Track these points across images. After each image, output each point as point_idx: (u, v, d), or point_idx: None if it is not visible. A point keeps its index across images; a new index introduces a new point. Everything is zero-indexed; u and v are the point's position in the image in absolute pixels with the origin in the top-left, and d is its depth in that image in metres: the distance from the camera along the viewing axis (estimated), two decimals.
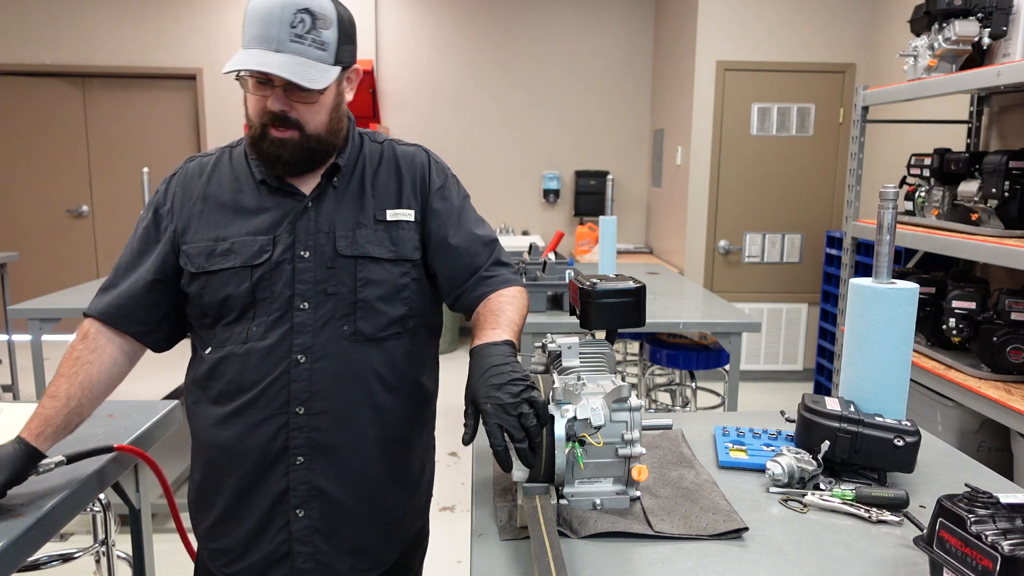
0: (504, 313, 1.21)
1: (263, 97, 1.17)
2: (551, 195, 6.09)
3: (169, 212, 1.28)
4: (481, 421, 1.02)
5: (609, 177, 3.40)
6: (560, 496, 1.09)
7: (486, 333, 1.17)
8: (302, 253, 1.22)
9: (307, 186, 1.26)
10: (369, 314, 1.23)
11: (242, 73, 1.16)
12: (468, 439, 1.05)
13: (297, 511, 1.22)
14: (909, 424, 1.22)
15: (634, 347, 4.82)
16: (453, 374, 2.17)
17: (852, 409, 1.25)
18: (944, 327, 2.60)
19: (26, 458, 1.13)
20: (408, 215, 1.28)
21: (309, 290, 1.21)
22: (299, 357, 1.21)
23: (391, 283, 1.24)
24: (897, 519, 1.11)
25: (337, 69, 1.19)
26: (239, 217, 1.25)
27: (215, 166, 1.30)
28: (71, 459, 1.20)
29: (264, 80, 1.15)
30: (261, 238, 1.23)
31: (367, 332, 1.23)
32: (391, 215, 1.27)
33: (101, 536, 2.04)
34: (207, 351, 1.25)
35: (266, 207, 1.25)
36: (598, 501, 1.09)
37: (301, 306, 1.21)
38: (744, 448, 1.35)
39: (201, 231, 1.25)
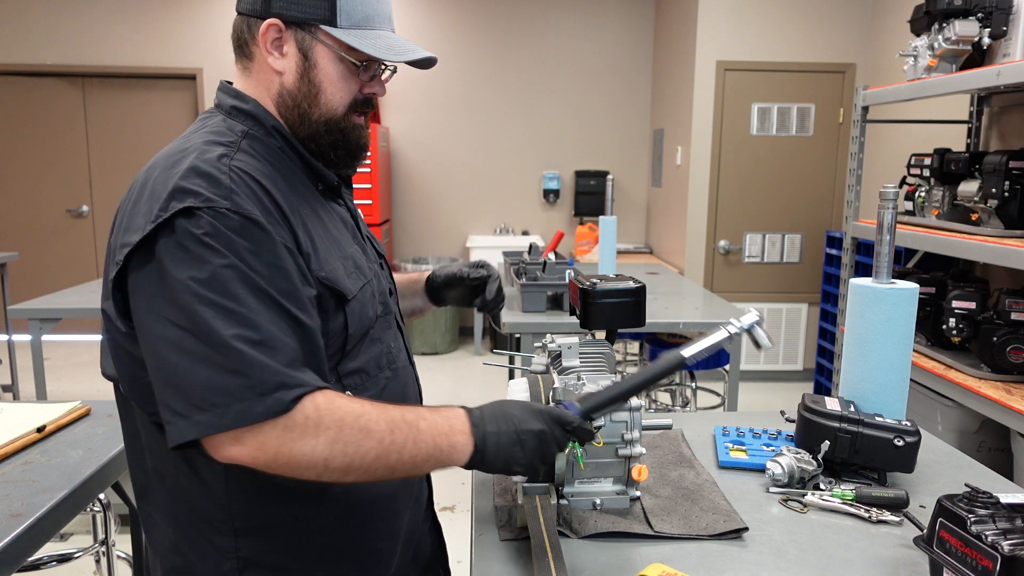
0: None
1: (356, 79, 1.02)
2: (551, 195, 6.09)
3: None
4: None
5: (609, 177, 3.40)
6: (560, 496, 1.09)
7: None
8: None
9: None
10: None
11: (388, 62, 1.02)
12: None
13: None
14: (909, 424, 1.22)
15: (634, 347, 4.82)
16: (452, 374, 2.17)
17: (852, 409, 1.25)
18: (944, 327, 2.60)
19: None
20: None
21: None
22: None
23: None
24: (897, 519, 1.11)
25: None
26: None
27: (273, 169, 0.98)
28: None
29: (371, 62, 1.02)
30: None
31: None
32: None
33: (101, 536, 2.04)
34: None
35: (336, 218, 1.08)
36: (598, 501, 1.09)
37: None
38: (744, 448, 1.35)
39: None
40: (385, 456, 0.86)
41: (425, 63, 1.03)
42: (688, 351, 0.96)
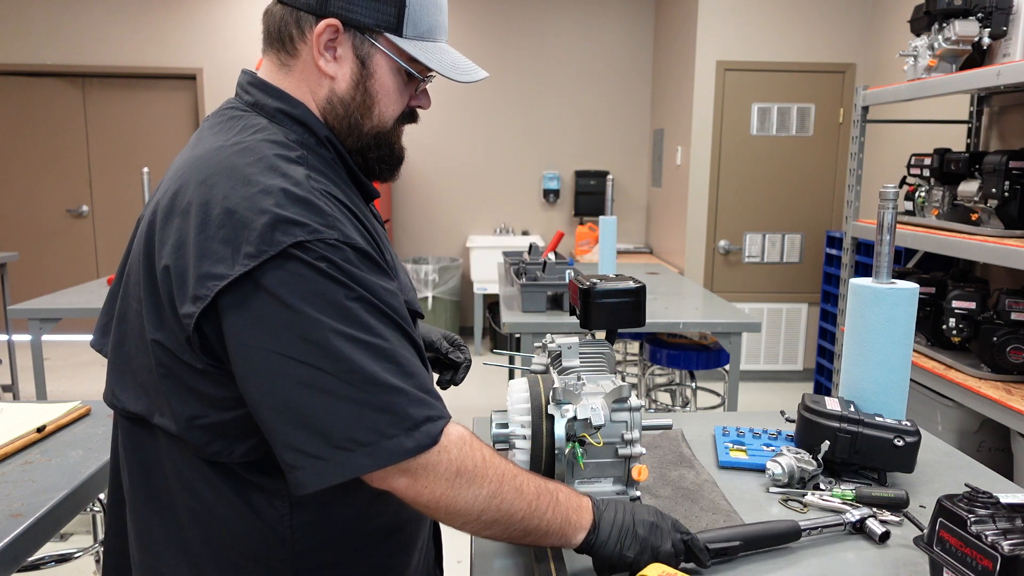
0: None
1: (408, 91, 0.99)
2: (551, 195, 6.09)
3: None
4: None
5: (609, 177, 3.40)
6: None
7: None
8: None
9: None
10: None
11: (431, 72, 0.98)
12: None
13: None
14: (909, 424, 1.22)
15: (634, 347, 4.82)
16: None
17: (852, 409, 1.25)
18: (944, 327, 2.60)
19: None
20: None
21: None
22: None
23: None
24: (897, 519, 1.11)
25: None
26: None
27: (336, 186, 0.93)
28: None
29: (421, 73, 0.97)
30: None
31: None
32: None
33: (101, 536, 2.04)
34: None
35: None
36: None
37: None
38: (744, 448, 1.35)
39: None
40: (528, 519, 0.85)
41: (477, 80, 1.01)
42: (805, 523, 1.05)
